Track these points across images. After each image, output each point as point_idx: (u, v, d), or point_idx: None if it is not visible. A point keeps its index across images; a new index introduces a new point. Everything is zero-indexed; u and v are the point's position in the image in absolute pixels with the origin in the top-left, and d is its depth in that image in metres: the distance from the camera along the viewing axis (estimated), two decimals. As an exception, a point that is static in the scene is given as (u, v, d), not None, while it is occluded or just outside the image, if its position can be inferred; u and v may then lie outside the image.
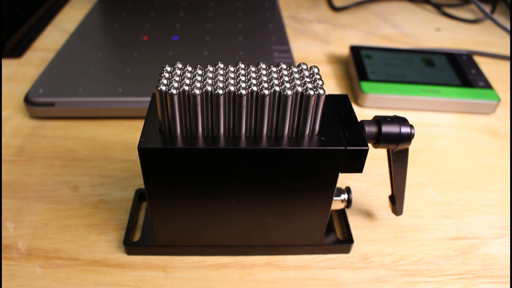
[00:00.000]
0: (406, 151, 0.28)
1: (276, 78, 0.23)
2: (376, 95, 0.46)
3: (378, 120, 0.27)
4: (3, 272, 0.28)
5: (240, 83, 0.23)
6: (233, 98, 0.23)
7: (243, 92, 0.22)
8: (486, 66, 0.54)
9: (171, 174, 0.25)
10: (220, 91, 0.22)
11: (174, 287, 0.28)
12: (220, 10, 0.61)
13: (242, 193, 0.26)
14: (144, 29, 0.55)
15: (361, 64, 0.50)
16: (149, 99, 0.41)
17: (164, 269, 0.29)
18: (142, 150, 0.23)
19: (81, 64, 0.47)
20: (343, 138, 0.24)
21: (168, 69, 0.24)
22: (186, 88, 0.22)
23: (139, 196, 0.34)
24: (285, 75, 0.23)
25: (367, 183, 0.37)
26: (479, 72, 0.50)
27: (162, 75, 0.23)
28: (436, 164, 0.40)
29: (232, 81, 0.23)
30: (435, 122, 0.45)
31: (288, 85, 0.23)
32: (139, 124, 0.42)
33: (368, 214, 0.34)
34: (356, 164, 0.25)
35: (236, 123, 0.24)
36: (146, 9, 0.61)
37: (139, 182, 0.36)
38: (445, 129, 0.44)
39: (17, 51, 0.54)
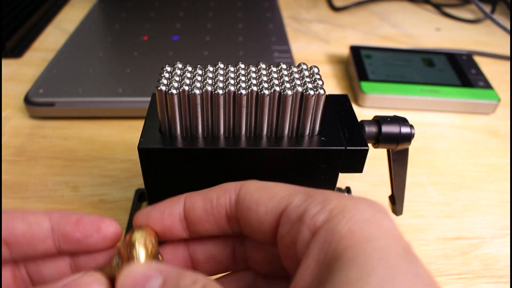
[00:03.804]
0: (406, 151, 0.28)
1: (276, 78, 0.23)
2: (376, 95, 0.46)
3: (378, 120, 0.27)
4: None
5: (240, 83, 0.23)
6: (233, 98, 0.23)
7: (243, 92, 0.22)
8: (486, 66, 0.54)
9: (171, 174, 0.25)
10: (220, 91, 0.22)
11: (174, 287, 0.28)
12: (220, 10, 0.61)
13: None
14: (144, 29, 0.55)
15: (361, 64, 0.50)
16: (149, 99, 0.41)
17: (164, 269, 0.29)
18: (142, 150, 0.23)
19: (81, 64, 0.47)
20: (343, 138, 0.24)
21: (168, 69, 0.24)
22: (186, 88, 0.22)
23: (139, 196, 0.34)
24: (285, 75, 0.23)
25: (367, 183, 0.37)
26: (479, 72, 0.50)
27: (162, 75, 0.23)
28: (436, 164, 0.40)
29: (232, 81, 0.23)
30: (435, 122, 0.45)
31: (288, 85, 0.23)
32: (139, 124, 0.42)
33: (368, 214, 0.34)
34: (356, 164, 0.25)
35: (236, 123, 0.24)
36: (146, 9, 0.61)
37: (139, 182, 0.36)
38: (445, 129, 0.44)
39: (17, 51, 0.54)
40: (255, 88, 0.22)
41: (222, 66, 0.24)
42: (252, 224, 0.18)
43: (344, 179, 0.37)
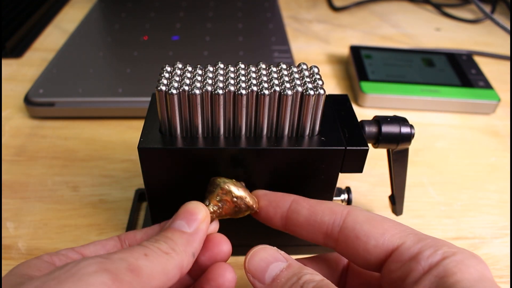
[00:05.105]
0: (406, 151, 0.28)
1: (276, 78, 0.23)
2: (376, 95, 0.46)
3: (378, 120, 0.27)
4: (3, 272, 0.28)
5: (240, 83, 0.23)
6: (233, 98, 0.23)
7: (243, 92, 0.22)
8: (486, 66, 0.54)
9: (171, 174, 0.25)
10: (220, 91, 0.22)
11: (174, 287, 0.28)
12: (220, 10, 0.61)
13: (242, 193, 0.26)
14: (144, 29, 0.55)
15: (361, 64, 0.50)
16: (149, 99, 0.41)
17: (164, 269, 0.29)
18: (142, 150, 0.23)
19: (81, 64, 0.47)
20: (343, 138, 0.24)
21: (168, 69, 0.24)
22: (186, 88, 0.22)
23: (139, 196, 0.34)
24: (285, 75, 0.23)
25: (367, 183, 0.37)
26: (479, 72, 0.50)
27: (162, 75, 0.23)
28: (436, 164, 0.40)
29: (232, 81, 0.23)
30: (435, 122, 0.45)
31: (288, 85, 0.23)
32: (139, 124, 0.42)
33: (368, 214, 0.34)
34: (356, 164, 0.25)
35: (236, 123, 0.24)
36: (146, 9, 0.61)
37: (139, 182, 0.36)
38: (445, 129, 0.44)
39: (17, 51, 0.54)
40: (255, 88, 0.22)
41: (222, 66, 0.24)
42: (357, 251, 0.20)
43: (344, 179, 0.37)
